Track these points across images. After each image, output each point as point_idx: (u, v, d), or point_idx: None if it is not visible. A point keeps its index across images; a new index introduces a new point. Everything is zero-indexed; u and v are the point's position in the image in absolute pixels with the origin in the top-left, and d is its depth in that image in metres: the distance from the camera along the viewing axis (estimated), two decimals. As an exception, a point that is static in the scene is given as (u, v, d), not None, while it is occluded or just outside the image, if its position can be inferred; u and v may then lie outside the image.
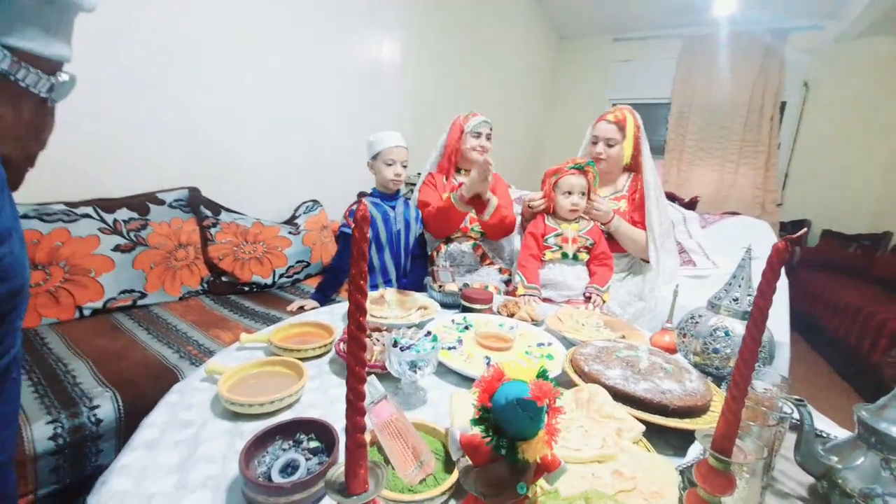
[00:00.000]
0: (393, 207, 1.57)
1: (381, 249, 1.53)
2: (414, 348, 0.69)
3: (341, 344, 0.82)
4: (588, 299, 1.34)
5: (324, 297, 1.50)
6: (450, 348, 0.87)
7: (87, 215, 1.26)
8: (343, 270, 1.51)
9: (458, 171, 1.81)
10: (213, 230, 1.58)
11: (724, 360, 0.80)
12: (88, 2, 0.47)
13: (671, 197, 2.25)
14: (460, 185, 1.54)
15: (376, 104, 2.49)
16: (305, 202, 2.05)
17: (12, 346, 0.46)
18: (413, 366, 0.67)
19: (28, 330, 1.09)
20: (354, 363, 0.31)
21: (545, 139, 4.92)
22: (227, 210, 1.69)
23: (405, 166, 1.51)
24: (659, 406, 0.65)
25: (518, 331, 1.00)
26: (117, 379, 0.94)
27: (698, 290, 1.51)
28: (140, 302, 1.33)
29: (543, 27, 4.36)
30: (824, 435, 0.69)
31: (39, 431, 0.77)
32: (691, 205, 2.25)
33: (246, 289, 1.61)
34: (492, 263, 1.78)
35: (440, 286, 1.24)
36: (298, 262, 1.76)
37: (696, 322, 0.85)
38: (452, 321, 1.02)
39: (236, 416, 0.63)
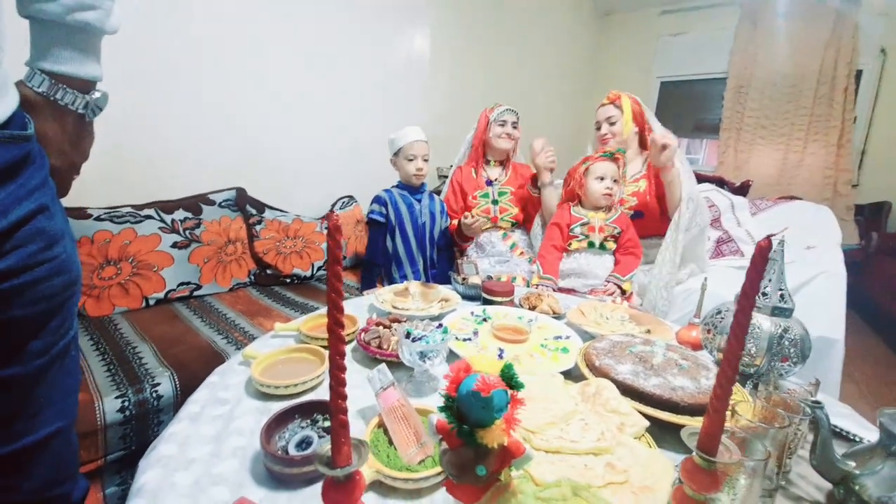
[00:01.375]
0: (419, 200, 1.61)
1: (408, 241, 1.59)
2: (424, 339, 0.72)
3: (362, 334, 0.88)
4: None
5: (368, 284, 1.59)
6: (465, 339, 0.89)
7: (149, 216, 1.42)
8: (375, 259, 1.59)
9: (486, 161, 1.83)
10: (257, 227, 1.70)
11: (750, 357, 0.76)
12: (112, 26, 0.53)
13: (720, 182, 2.10)
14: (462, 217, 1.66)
15: (408, 99, 2.54)
16: (342, 198, 2.14)
17: (70, 328, 0.55)
18: (422, 356, 0.71)
19: (103, 317, 1.26)
20: (335, 353, 0.35)
21: (587, 125, 4.72)
22: (271, 208, 1.82)
23: (427, 160, 1.55)
24: (668, 403, 0.64)
25: (537, 324, 1.01)
26: (175, 361, 1.07)
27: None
28: (196, 293, 1.48)
29: (582, 3, 4.16)
30: (857, 439, 0.65)
31: (110, 405, 0.90)
32: (742, 189, 2.09)
33: (288, 280, 1.73)
34: (522, 254, 1.78)
35: (463, 278, 1.26)
36: (335, 255, 1.86)
37: (723, 317, 0.81)
38: (472, 313, 1.05)
39: (265, 397, 0.70)
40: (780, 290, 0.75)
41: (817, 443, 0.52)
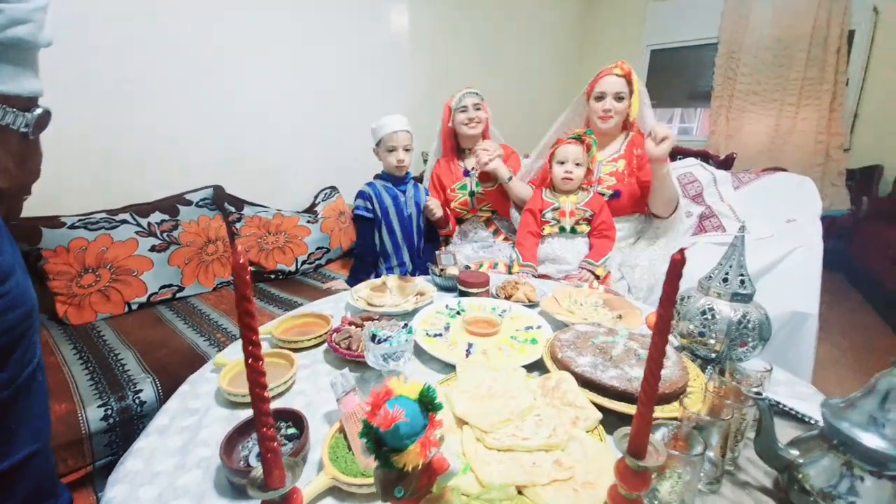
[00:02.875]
0: (403, 191, 1.60)
1: (394, 234, 1.58)
2: (389, 341, 0.73)
3: (334, 335, 0.89)
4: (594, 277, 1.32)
5: (356, 280, 1.60)
6: (435, 335, 0.90)
7: (125, 221, 1.41)
8: (366, 254, 1.59)
9: (461, 150, 1.80)
10: (237, 225, 1.70)
11: (711, 343, 0.78)
12: (45, 38, 0.51)
13: (704, 156, 2.07)
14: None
15: (387, 83, 2.48)
16: (324, 189, 2.12)
17: (34, 357, 0.55)
18: (386, 358, 0.72)
19: (87, 325, 1.27)
20: (254, 386, 0.35)
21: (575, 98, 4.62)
22: (250, 204, 1.80)
23: (408, 150, 1.52)
24: (624, 394, 0.65)
25: (510, 314, 1.02)
26: (157, 366, 1.09)
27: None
28: (179, 295, 1.48)
29: (569, -27, 4.01)
30: (813, 422, 0.66)
31: (93, 413, 0.92)
32: (727, 163, 2.06)
33: (272, 276, 1.74)
34: (506, 239, 1.78)
35: (441, 270, 1.27)
36: (318, 248, 1.86)
37: (685, 304, 0.82)
38: (446, 306, 1.06)
39: (234, 405, 0.71)
40: (741, 275, 0.75)
41: (760, 432, 0.54)
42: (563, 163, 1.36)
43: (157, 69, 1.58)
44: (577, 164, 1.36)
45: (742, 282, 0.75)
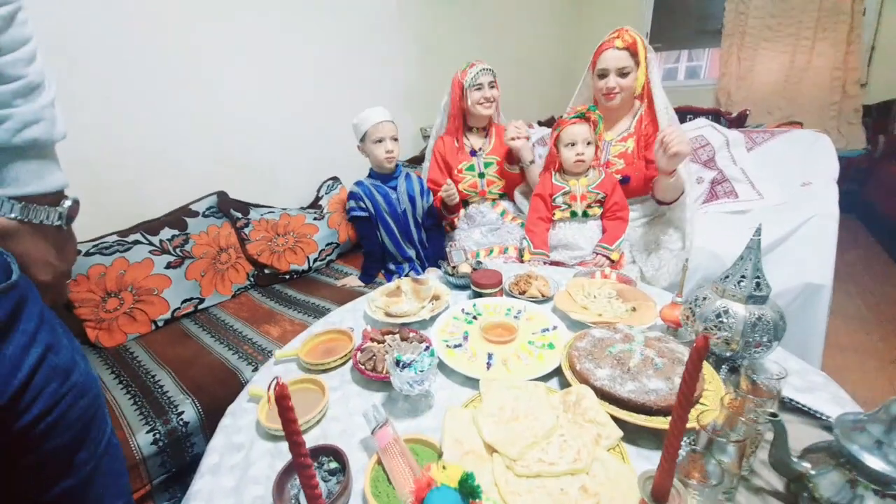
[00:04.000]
0: (394, 188, 1.58)
1: (392, 233, 1.58)
2: (412, 367, 0.76)
3: (358, 353, 0.92)
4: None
5: (369, 277, 1.63)
6: (455, 346, 0.93)
7: (137, 241, 1.43)
8: (374, 251, 1.61)
9: (469, 129, 1.75)
10: (246, 230, 1.71)
11: (725, 344, 0.79)
12: (59, 133, 0.52)
13: (715, 115, 1.98)
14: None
15: (379, 59, 2.36)
16: (326, 181, 2.10)
17: (106, 427, 0.59)
18: (411, 385, 0.75)
19: (119, 346, 1.33)
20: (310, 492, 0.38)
21: (578, 59, 4.35)
22: (255, 206, 1.80)
23: (395, 140, 1.49)
24: (643, 407, 0.68)
25: (525, 315, 1.04)
26: (193, 385, 1.15)
27: (738, 229, 1.33)
28: (200, 306, 1.53)
29: None
30: (825, 418, 0.69)
31: (142, 439, 0.99)
32: (740, 120, 1.98)
33: (287, 277, 1.77)
34: (514, 220, 1.77)
35: (454, 268, 1.28)
36: (328, 244, 1.87)
37: (700, 305, 0.83)
38: (462, 310, 1.08)
39: (275, 437, 0.76)
40: (757, 278, 0.76)
41: (774, 447, 0.57)
42: (572, 144, 1.31)
43: (141, 80, 1.52)
44: (588, 144, 1.31)
45: (758, 284, 0.75)
